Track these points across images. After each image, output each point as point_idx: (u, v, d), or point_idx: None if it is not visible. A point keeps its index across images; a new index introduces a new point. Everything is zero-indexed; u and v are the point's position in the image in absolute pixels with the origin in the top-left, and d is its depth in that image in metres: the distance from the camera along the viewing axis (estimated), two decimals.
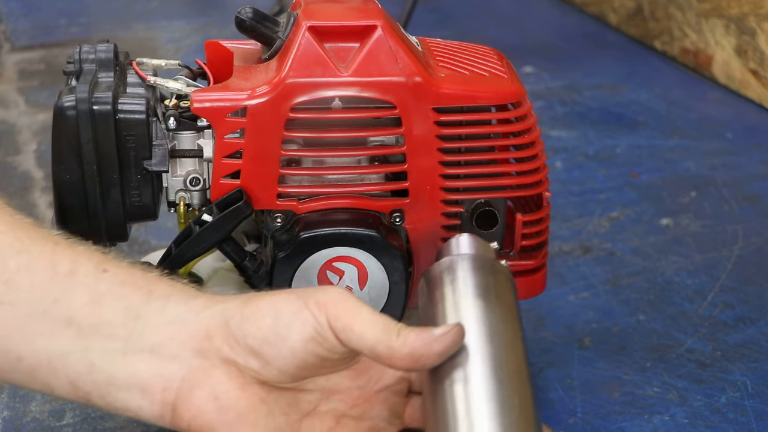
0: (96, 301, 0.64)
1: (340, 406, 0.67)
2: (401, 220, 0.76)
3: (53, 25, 1.80)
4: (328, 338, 0.63)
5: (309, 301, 0.63)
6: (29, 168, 1.27)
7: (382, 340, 0.62)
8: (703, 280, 1.01)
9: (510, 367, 0.61)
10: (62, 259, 0.65)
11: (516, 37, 1.69)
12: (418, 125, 0.74)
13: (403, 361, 0.62)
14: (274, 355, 0.63)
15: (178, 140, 0.76)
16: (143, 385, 0.64)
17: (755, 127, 1.37)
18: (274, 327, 0.63)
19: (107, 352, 0.64)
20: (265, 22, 0.75)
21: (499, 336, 0.63)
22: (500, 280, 0.68)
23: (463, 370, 0.61)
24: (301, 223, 0.75)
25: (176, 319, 0.64)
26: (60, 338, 0.63)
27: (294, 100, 0.73)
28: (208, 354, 0.64)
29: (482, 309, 0.64)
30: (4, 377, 0.66)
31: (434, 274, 0.70)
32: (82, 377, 0.64)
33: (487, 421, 0.58)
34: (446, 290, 0.67)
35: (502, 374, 0.61)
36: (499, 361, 0.61)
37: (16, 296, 0.63)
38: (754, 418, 0.81)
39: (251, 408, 0.64)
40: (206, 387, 0.63)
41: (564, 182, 1.21)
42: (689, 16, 1.54)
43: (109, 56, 0.76)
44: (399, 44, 0.73)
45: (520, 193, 0.77)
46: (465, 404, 0.60)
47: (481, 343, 0.62)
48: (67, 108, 0.72)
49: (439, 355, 0.62)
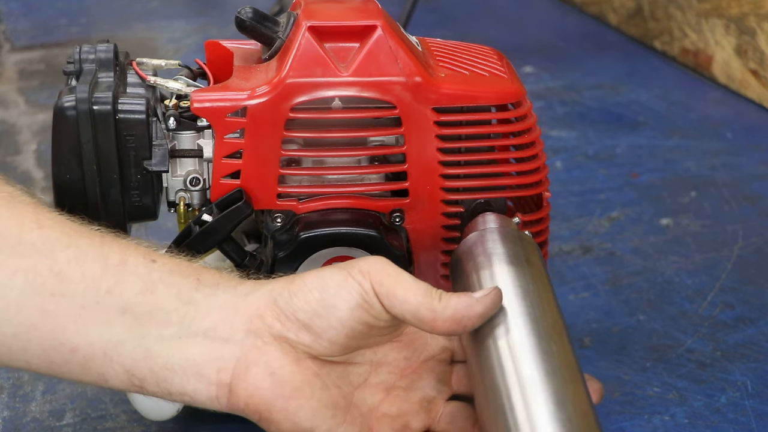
0: (148, 289, 0.65)
1: (389, 377, 0.69)
2: (401, 220, 0.76)
3: (53, 25, 1.80)
4: (374, 304, 0.65)
5: (353, 271, 0.65)
6: (29, 168, 1.27)
7: (425, 303, 0.64)
8: (703, 280, 1.01)
9: (546, 321, 0.64)
10: (111, 251, 0.65)
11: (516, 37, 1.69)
12: (418, 125, 0.74)
13: (446, 323, 0.64)
14: (324, 326, 0.65)
15: (178, 140, 0.76)
16: (198, 369, 0.65)
17: (755, 127, 1.37)
18: (322, 299, 0.65)
19: (163, 338, 0.65)
20: (265, 22, 0.75)
21: (532, 294, 0.66)
22: (527, 247, 0.71)
23: (503, 327, 0.64)
24: (301, 223, 0.75)
25: (226, 303, 0.66)
26: (115, 327, 0.64)
27: (294, 100, 0.73)
28: (260, 332, 0.65)
29: (514, 273, 0.67)
30: (55, 371, 0.66)
31: (464, 249, 0.72)
32: (138, 364, 0.65)
33: (530, 370, 0.61)
34: (478, 260, 0.70)
35: (540, 328, 0.64)
36: (534, 316, 0.64)
37: (68, 288, 0.64)
38: (754, 418, 0.81)
39: (306, 382, 0.65)
40: (261, 364, 0.65)
41: (564, 182, 1.21)
42: (689, 16, 1.54)
43: (109, 56, 0.76)
44: (399, 44, 0.73)
45: (520, 193, 0.77)
46: (510, 358, 0.62)
47: (517, 302, 0.65)
48: (67, 108, 0.72)
49: (480, 315, 0.64)
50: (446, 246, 0.77)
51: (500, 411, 0.60)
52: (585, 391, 0.61)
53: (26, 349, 0.64)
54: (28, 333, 0.64)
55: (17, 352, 0.64)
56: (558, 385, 0.60)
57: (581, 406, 0.59)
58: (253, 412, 0.65)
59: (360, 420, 0.67)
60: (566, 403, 0.59)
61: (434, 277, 0.78)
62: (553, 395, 0.59)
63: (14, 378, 0.88)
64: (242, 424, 0.82)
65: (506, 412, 0.60)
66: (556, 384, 0.60)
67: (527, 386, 0.60)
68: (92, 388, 0.86)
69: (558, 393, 0.60)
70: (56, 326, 0.64)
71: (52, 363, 0.65)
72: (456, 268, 0.72)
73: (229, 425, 0.82)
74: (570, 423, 0.58)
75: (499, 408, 0.61)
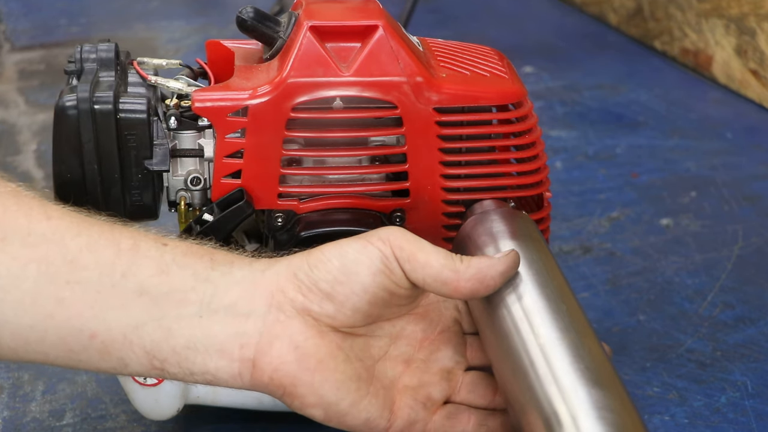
0: (163, 271, 0.65)
1: (408, 350, 0.69)
2: (402, 220, 0.76)
3: (53, 25, 1.80)
4: (395, 270, 0.65)
5: (372, 238, 0.66)
6: (29, 168, 1.27)
7: (447, 265, 0.65)
8: (703, 280, 1.01)
9: (553, 284, 0.66)
10: (122, 237, 0.65)
11: (516, 37, 1.69)
12: (418, 125, 0.74)
13: (469, 283, 0.65)
14: (347, 293, 0.65)
15: (179, 140, 0.76)
16: (221, 346, 0.64)
17: (755, 127, 1.37)
18: (342, 266, 0.65)
19: (182, 317, 0.64)
20: (266, 21, 0.75)
21: (537, 263, 0.68)
22: (526, 224, 0.72)
23: (515, 294, 0.66)
24: (302, 223, 0.75)
25: (244, 280, 0.66)
26: (133, 309, 0.64)
27: (295, 100, 0.73)
28: (282, 306, 0.65)
29: (518, 246, 0.69)
30: (74, 359, 0.65)
31: (465, 232, 0.73)
32: (159, 345, 0.64)
33: (546, 329, 0.63)
34: (481, 240, 0.71)
35: (548, 291, 0.66)
36: (542, 282, 0.66)
37: (82, 275, 0.63)
38: (754, 418, 0.81)
39: (330, 355, 0.65)
40: (285, 338, 0.64)
41: (564, 182, 1.21)
42: (689, 16, 1.54)
43: (111, 56, 0.76)
44: (400, 44, 0.73)
45: (520, 194, 0.77)
46: (526, 321, 0.64)
47: (524, 271, 0.67)
48: (68, 107, 0.72)
49: (502, 274, 0.65)
50: (447, 245, 0.77)
51: (522, 370, 0.62)
52: (598, 344, 0.63)
53: (44, 340, 0.64)
54: (44, 323, 0.63)
55: (35, 344, 0.64)
56: (573, 339, 0.62)
57: (596, 356, 0.62)
58: (278, 386, 0.65)
59: (383, 392, 0.67)
60: (583, 355, 0.61)
61: None
62: (569, 349, 0.62)
63: (14, 378, 0.88)
64: (242, 423, 0.83)
65: (528, 370, 0.62)
66: (571, 338, 0.62)
67: (545, 344, 0.62)
68: (92, 388, 0.86)
69: (574, 347, 0.62)
70: (72, 313, 0.63)
71: (71, 352, 0.64)
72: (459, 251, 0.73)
73: (229, 425, 0.83)
74: (588, 371, 0.60)
75: (520, 368, 0.62)
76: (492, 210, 0.74)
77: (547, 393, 0.60)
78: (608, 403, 0.58)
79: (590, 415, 0.57)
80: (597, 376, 0.60)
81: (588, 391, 0.59)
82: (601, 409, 0.58)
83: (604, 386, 0.59)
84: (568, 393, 0.59)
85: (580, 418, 0.57)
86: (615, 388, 0.60)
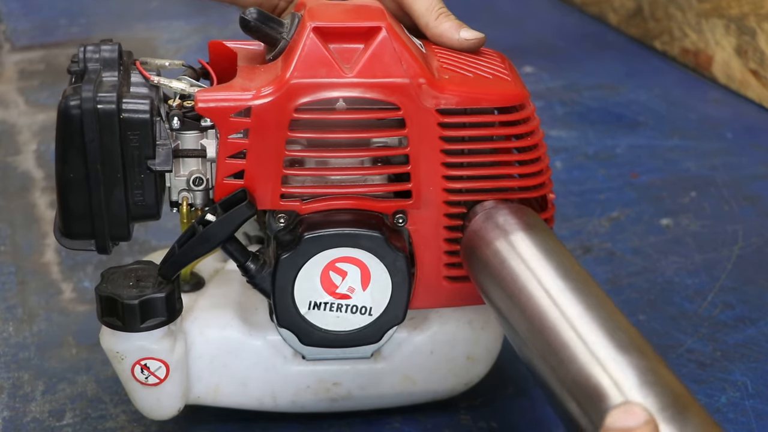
0: None
1: None
2: (404, 222, 0.76)
3: (53, 25, 1.80)
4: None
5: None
6: (29, 168, 1.27)
7: (424, 16, 0.80)
8: (703, 280, 1.01)
9: (573, 270, 0.67)
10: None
11: (516, 37, 1.69)
12: (421, 127, 0.74)
13: (433, 38, 0.80)
14: None
15: (181, 140, 0.76)
16: None
17: (755, 127, 1.37)
18: None
19: None
20: (269, 22, 0.75)
21: (554, 252, 0.70)
22: (534, 217, 0.74)
23: (535, 280, 0.67)
24: (305, 224, 0.75)
25: None
26: None
27: (298, 101, 0.73)
28: None
29: (530, 236, 0.71)
30: None
31: (474, 228, 0.74)
32: None
33: (572, 307, 0.64)
34: (492, 234, 0.72)
35: (570, 274, 0.67)
36: (563, 267, 0.68)
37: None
38: (754, 418, 0.82)
39: None
40: None
41: (564, 182, 1.21)
42: (689, 16, 1.54)
43: (114, 56, 0.76)
44: (403, 46, 0.73)
45: (523, 195, 0.77)
46: (551, 302, 0.65)
47: (543, 259, 0.69)
48: (71, 107, 0.72)
49: (458, 41, 0.79)
50: (449, 247, 0.77)
51: (557, 337, 0.63)
52: (627, 320, 0.63)
53: None
54: None
55: None
56: (602, 315, 0.63)
57: (622, 321, 0.62)
58: None
59: None
60: (615, 327, 0.61)
61: (437, 278, 0.78)
62: (600, 321, 0.62)
63: (14, 378, 0.88)
64: (242, 423, 0.83)
65: (561, 347, 0.62)
66: (600, 314, 0.63)
67: (573, 320, 0.63)
68: (92, 388, 0.87)
69: (605, 321, 0.62)
70: None
71: None
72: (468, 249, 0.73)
73: (229, 425, 0.83)
74: (623, 341, 0.60)
75: (552, 345, 0.63)
76: (499, 206, 0.74)
77: (586, 366, 0.59)
78: (649, 365, 0.57)
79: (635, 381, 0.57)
80: (632, 345, 0.59)
81: (627, 357, 0.58)
82: (646, 373, 0.57)
83: (643, 353, 0.59)
84: (607, 362, 0.58)
85: (625, 386, 0.56)
86: (651, 354, 0.59)
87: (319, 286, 0.76)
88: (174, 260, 0.75)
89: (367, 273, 0.75)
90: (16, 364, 0.91)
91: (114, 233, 0.75)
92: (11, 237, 1.12)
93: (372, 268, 0.75)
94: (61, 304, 1.00)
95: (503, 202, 0.76)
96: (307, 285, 0.75)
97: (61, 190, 0.74)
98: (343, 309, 0.77)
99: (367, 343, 0.79)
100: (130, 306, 0.74)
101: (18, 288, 1.03)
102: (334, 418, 0.83)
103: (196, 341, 0.79)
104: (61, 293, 1.01)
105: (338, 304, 0.76)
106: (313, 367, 0.81)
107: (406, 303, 0.77)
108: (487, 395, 0.86)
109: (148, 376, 0.76)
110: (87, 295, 1.00)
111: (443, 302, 0.79)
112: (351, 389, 0.81)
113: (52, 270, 1.05)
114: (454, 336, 0.82)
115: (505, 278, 0.69)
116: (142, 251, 1.05)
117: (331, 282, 0.76)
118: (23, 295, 1.01)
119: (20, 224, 1.15)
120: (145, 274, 0.76)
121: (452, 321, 0.81)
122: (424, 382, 0.82)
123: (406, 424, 0.83)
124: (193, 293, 0.82)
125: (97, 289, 0.75)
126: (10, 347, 0.93)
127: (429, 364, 0.82)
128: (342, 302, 0.76)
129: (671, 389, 0.56)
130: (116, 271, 0.77)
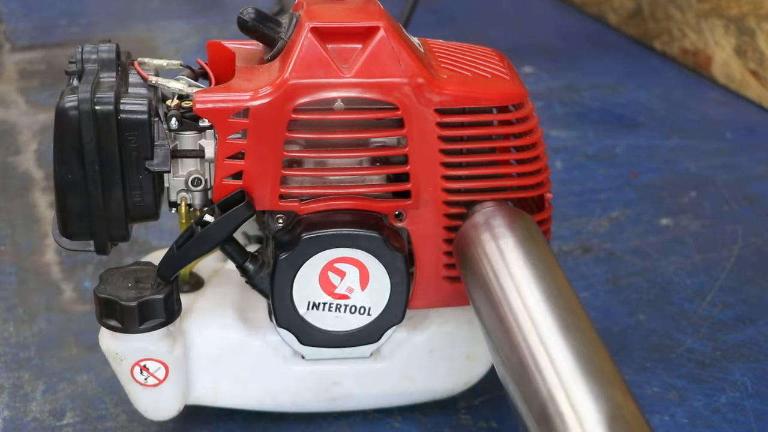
0: None
1: None
2: (403, 221, 0.76)
3: (53, 25, 1.80)
4: None
5: None
6: (29, 168, 1.27)
7: None
8: (703, 280, 1.01)
9: (555, 284, 0.68)
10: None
11: (516, 37, 1.69)
12: (420, 126, 0.74)
13: None
14: None
15: (179, 140, 0.76)
16: None
17: (755, 127, 1.37)
18: None
19: None
20: (267, 22, 0.75)
21: (539, 264, 0.69)
22: (527, 224, 0.74)
23: (517, 293, 0.67)
24: (303, 224, 0.75)
25: None
26: None
27: (296, 101, 0.73)
28: None
29: (519, 246, 0.71)
30: None
31: (466, 230, 0.74)
32: None
33: (547, 328, 0.64)
34: (483, 238, 0.72)
35: (550, 288, 0.67)
36: (544, 281, 0.68)
37: None
38: (754, 418, 0.81)
39: None
40: None
41: (564, 182, 1.21)
42: (689, 17, 1.54)
43: (112, 56, 0.76)
44: (401, 45, 0.73)
45: (521, 195, 0.77)
46: (528, 319, 0.65)
47: (527, 271, 0.69)
48: (69, 108, 0.72)
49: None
50: (448, 247, 0.77)
51: (523, 368, 0.63)
52: (599, 341, 0.64)
53: None
54: None
55: None
56: (575, 340, 0.63)
57: (598, 349, 0.62)
58: None
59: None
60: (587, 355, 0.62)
61: (436, 277, 0.78)
62: (575, 348, 0.62)
63: (14, 378, 0.88)
64: (242, 423, 0.83)
65: (532, 370, 0.62)
66: (574, 339, 0.63)
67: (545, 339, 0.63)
68: (92, 388, 0.87)
69: (580, 348, 0.62)
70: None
71: None
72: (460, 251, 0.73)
73: (229, 425, 0.83)
74: (590, 366, 0.60)
75: (521, 364, 0.63)
76: (494, 209, 0.74)
77: (549, 389, 0.60)
78: (616, 399, 0.58)
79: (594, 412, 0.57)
80: (598, 372, 0.60)
81: (589, 385, 0.59)
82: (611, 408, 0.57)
83: (606, 381, 0.59)
84: (568, 385, 0.59)
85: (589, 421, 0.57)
86: (617, 383, 0.59)
87: (317, 286, 0.76)
88: (173, 261, 0.75)
89: (365, 273, 0.75)
90: (16, 363, 0.91)
91: (113, 234, 0.75)
92: (11, 237, 1.12)
93: (371, 268, 0.75)
94: (61, 304, 1.00)
95: (500, 204, 0.76)
96: (306, 285, 0.75)
97: (59, 191, 0.74)
98: (342, 309, 0.77)
99: (366, 343, 0.79)
100: (128, 308, 0.74)
101: (18, 288, 1.03)
102: (334, 417, 0.83)
103: (195, 342, 0.79)
104: (61, 293, 1.01)
105: (337, 304, 0.76)
106: (312, 366, 0.81)
107: (405, 303, 0.77)
108: (487, 395, 0.86)
109: (147, 377, 0.76)
110: (87, 295, 1.00)
111: (442, 302, 0.79)
112: (350, 389, 0.81)
113: (53, 270, 1.05)
114: (453, 335, 0.82)
115: (489, 288, 0.69)
116: (142, 251, 1.05)
117: (329, 282, 0.76)
118: (23, 295, 1.01)
119: (20, 224, 1.15)
120: (143, 276, 0.76)
121: (452, 321, 0.81)
122: (423, 381, 0.82)
123: (406, 423, 0.83)
124: (192, 293, 0.82)
125: (96, 291, 0.75)
126: (10, 347, 0.93)
127: (428, 364, 0.82)
128: (341, 302, 0.76)
129: (636, 427, 0.56)
130: (115, 272, 0.77)
